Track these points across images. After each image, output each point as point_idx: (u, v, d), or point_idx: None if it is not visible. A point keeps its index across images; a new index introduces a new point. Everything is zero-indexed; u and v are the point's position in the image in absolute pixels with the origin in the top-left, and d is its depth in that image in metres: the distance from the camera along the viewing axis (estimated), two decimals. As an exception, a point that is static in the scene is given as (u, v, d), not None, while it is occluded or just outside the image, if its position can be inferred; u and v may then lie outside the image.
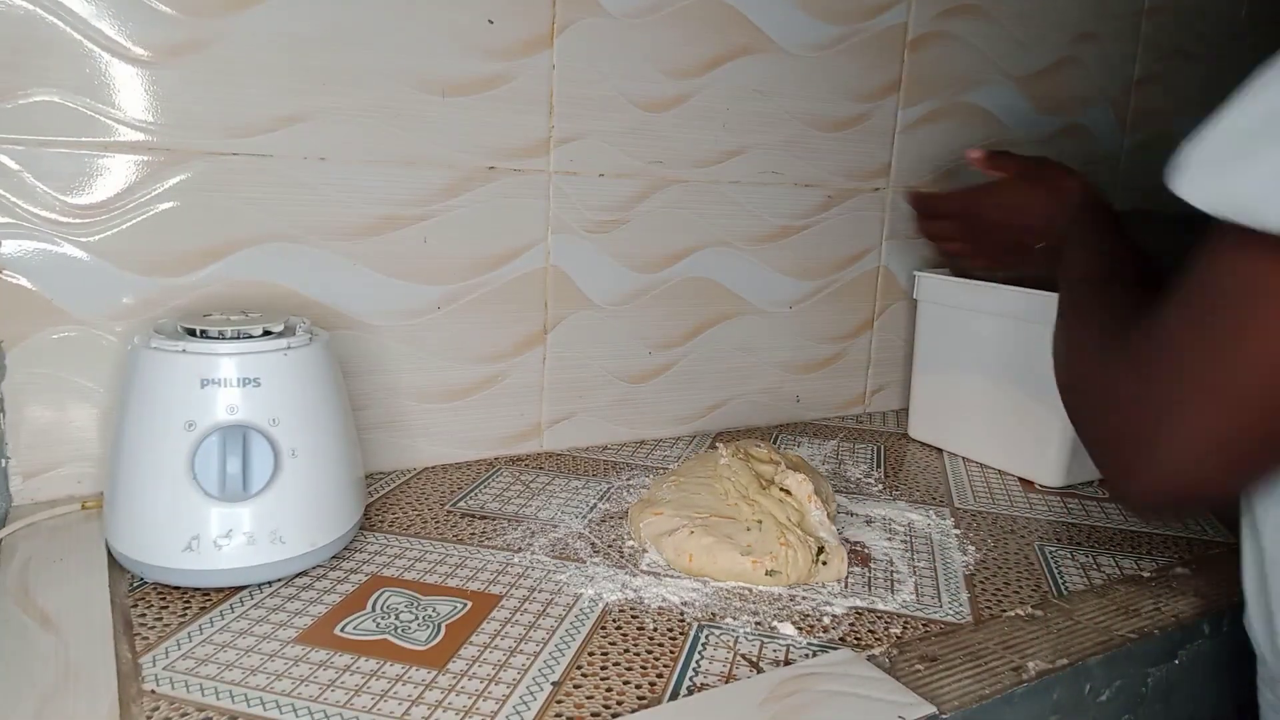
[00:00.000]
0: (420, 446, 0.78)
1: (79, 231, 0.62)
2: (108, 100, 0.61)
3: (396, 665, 0.47)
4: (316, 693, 0.44)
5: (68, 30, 0.59)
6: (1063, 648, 0.53)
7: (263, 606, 0.52)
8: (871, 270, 1.01)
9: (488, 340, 0.79)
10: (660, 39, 0.81)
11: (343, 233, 0.71)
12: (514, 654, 0.48)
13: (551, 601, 0.54)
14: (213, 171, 0.65)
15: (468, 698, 0.44)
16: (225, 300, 0.67)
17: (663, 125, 0.83)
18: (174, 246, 0.65)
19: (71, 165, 0.61)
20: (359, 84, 0.69)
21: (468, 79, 0.73)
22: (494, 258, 0.77)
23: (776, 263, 0.93)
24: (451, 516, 0.67)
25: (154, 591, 0.53)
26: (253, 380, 0.53)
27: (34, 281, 0.61)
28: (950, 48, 1.00)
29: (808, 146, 0.92)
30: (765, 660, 0.49)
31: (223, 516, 0.52)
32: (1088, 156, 1.17)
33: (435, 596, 0.54)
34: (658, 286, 0.87)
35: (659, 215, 0.85)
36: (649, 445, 0.88)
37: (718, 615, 0.54)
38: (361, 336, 0.73)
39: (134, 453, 0.53)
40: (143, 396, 0.53)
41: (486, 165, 0.75)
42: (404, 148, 0.71)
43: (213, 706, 0.42)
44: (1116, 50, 1.16)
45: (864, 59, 0.93)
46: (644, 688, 0.46)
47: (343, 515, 0.58)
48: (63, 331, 0.63)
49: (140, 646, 0.47)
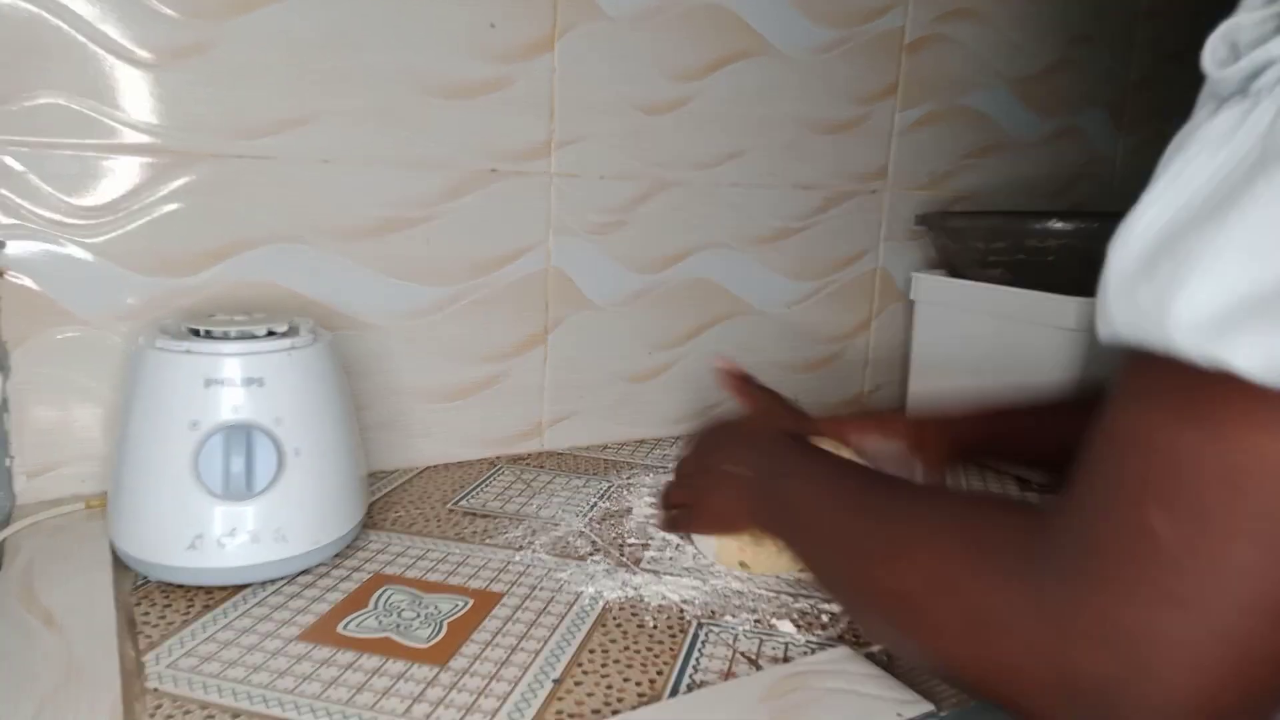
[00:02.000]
0: (422, 446, 0.78)
1: (84, 233, 0.62)
2: (112, 102, 0.61)
3: (399, 663, 0.47)
4: (319, 690, 0.44)
5: (72, 33, 0.60)
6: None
7: (266, 604, 0.52)
8: (869, 271, 1.01)
9: (489, 340, 0.79)
10: (660, 42, 0.81)
11: (346, 234, 0.71)
12: (515, 651, 0.49)
13: (552, 599, 0.55)
14: (217, 173, 0.65)
15: (469, 695, 0.45)
16: (229, 301, 0.67)
17: (663, 128, 0.83)
18: (178, 248, 0.65)
19: (76, 167, 0.61)
20: (362, 87, 0.69)
21: (470, 82, 0.73)
22: (496, 259, 0.78)
23: (775, 264, 0.94)
24: (453, 515, 0.67)
25: (157, 590, 0.54)
26: (256, 380, 0.53)
27: (39, 282, 0.62)
28: (947, 51, 1.00)
29: (806, 149, 0.93)
30: (764, 658, 0.50)
31: (226, 515, 0.52)
32: (1083, 159, 1.18)
33: (437, 594, 0.55)
34: (658, 287, 0.87)
35: (659, 217, 0.85)
36: (649, 444, 0.88)
37: (717, 613, 0.54)
38: (364, 337, 0.73)
39: (138, 452, 0.53)
40: (147, 396, 0.53)
41: (488, 167, 0.76)
42: (406, 150, 0.72)
43: (215, 704, 0.43)
44: (1112, 53, 1.17)
45: (862, 62, 0.94)
46: (644, 685, 0.46)
47: (345, 514, 0.58)
48: (67, 332, 0.63)
49: (143, 645, 0.48)
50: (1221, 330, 0.27)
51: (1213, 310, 0.27)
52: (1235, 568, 0.29)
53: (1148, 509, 0.30)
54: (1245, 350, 0.26)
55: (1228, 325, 0.27)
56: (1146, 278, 0.29)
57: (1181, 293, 0.27)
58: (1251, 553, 0.29)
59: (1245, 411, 0.28)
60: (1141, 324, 0.29)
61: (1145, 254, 0.29)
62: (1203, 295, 0.27)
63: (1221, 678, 0.30)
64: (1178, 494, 0.30)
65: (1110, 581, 0.31)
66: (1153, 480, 0.30)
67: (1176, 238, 0.28)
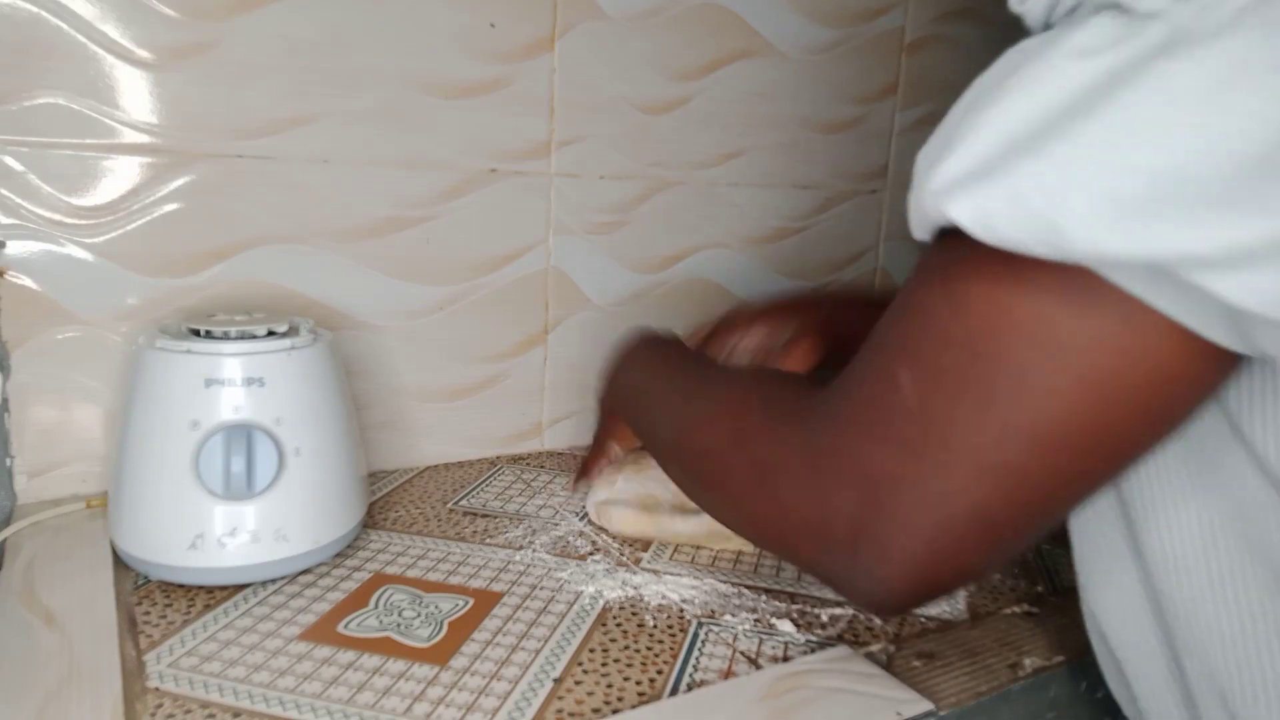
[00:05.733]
0: (422, 445, 0.78)
1: (84, 233, 0.62)
2: (112, 102, 0.61)
3: (399, 662, 0.47)
4: (319, 689, 0.44)
5: (72, 33, 0.60)
6: (1059, 645, 0.53)
7: (266, 604, 0.52)
8: (869, 271, 1.01)
9: (489, 340, 0.79)
10: (660, 42, 0.81)
11: (346, 234, 0.71)
12: (516, 651, 0.49)
13: (553, 599, 0.55)
14: (217, 173, 0.66)
15: (470, 694, 0.45)
16: (229, 301, 0.67)
17: (662, 128, 0.83)
18: (178, 248, 0.65)
19: (76, 167, 0.61)
20: (361, 87, 0.69)
21: (470, 82, 0.73)
22: (496, 259, 0.78)
23: (775, 264, 0.94)
24: (454, 515, 0.67)
25: (158, 589, 0.54)
26: (257, 380, 0.53)
27: (39, 282, 0.62)
28: (947, 51, 1.00)
29: (806, 149, 0.93)
30: (764, 657, 0.50)
31: (227, 515, 0.52)
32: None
33: (437, 594, 0.55)
34: (658, 287, 0.87)
35: (659, 217, 0.85)
36: (649, 445, 0.88)
37: (717, 612, 0.54)
38: (364, 337, 0.73)
39: (139, 452, 0.53)
40: (147, 396, 0.53)
41: (488, 167, 0.76)
42: (406, 150, 0.72)
43: (216, 703, 0.43)
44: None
45: (862, 62, 0.94)
46: (644, 684, 0.46)
47: (346, 513, 0.58)
48: (67, 332, 0.63)
49: (144, 644, 0.48)
50: (950, 190, 0.29)
51: (953, 175, 0.29)
52: (967, 426, 0.30)
53: (897, 363, 0.33)
54: (963, 205, 0.28)
55: (956, 185, 0.29)
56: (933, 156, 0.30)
57: (940, 166, 0.29)
58: (983, 413, 0.30)
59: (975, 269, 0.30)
60: (914, 204, 0.32)
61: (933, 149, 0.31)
62: (953, 161, 0.29)
63: (957, 532, 0.32)
64: (920, 351, 0.32)
65: (856, 424, 0.34)
66: (905, 339, 0.33)
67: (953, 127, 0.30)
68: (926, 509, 0.32)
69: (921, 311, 0.32)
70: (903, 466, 0.32)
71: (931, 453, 0.31)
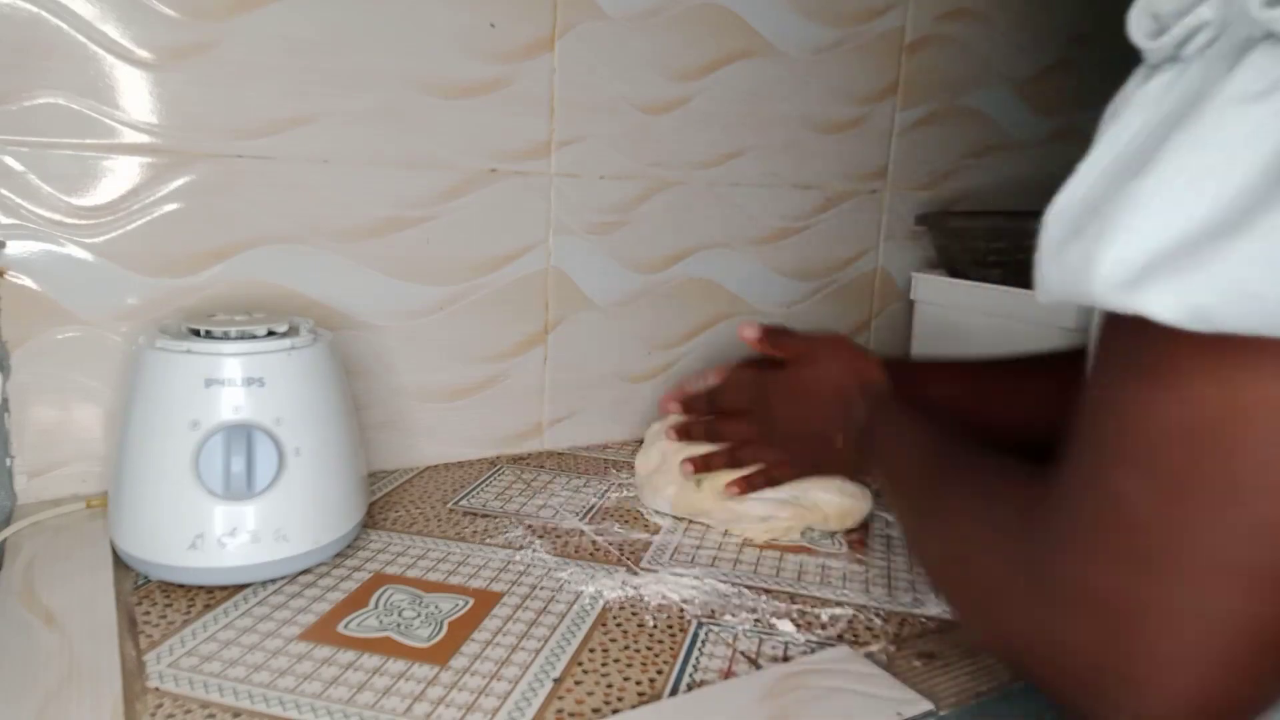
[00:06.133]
0: (423, 445, 0.78)
1: (84, 233, 0.62)
2: (112, 102, 0.61)
3: (399, 662, 0.47)
4: (319, 689, 0.44)
5: (72, 33, 0.60)
6: (1059, 645, 0.53)
7: (266, 604, 0.52)
8: (869, 271, 1.01)
9: (489, 340, 0.79)
10: (660, 42, 0.81)
11: (346, 234, 0.71)
12: (516, 651, 0.49)
13: (552, 599, 0.55)
14: (217, 173, 0.66)
15: (470, 694, 0.45)
16: (229, 301, 0.67)
17: (662, 128, 0.83)
18: (178, 248, 0.65)
19: (76, 167, 0.61)
20: (361, 87, 0.69)
21: (470, 82, 0.73)
22: (496, 259, 0.78)
23: (775, 264, 0.94)
24: (454, 515, 0.67)
25: (158, 589, 0.54)
26: (257, 380, 0.53)
27: (39, 282, 0.62)
28: (947, 50, 1.00)
29: (806, 149, 0.93)
30: (764, 657, 0.50)
31: (227, 515, 0.52)
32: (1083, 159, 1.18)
33: (437, 594, 0.55)
34: (658, 287, 0.87)
35: (659, 217, 0.85)
36: (649, 445, 0.88)
37: (717, 612, 0.54)
38: (364, 337, 0.73)
39: (139, 452, 0.53)
40: (148, 396, 0.53)
41: (488, 167, 0.76)
42: (406, 150, 0.72)
43: (216, 703, 0.43)
44: (1112, 53, 1.17)
45: (862, 62, 0.94)
46: (644, 684, 0.46)
47: (346, 514, 0.58)
48: (68, 332, 0.63)
49: (144, 644, 0.48)
50: (1139, 281, 0.26)
51: (1134, 263, 0.27)
52: (1212, 528, 0.27)
53: (1115, 470, 0.29)
54: (1162, 299, 0.26)
55: (1145, 276, 0.26)
56: (1075, 237, 0.29)
57: (1109, 250, 0.27)
58: (1216, 512, 0.27)
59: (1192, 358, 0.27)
60: (1072, 283, 0.29)
61: (1074, 216, 0.29)
62: (1127, 250, 0.27)
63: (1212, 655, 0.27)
64: (1138, 452, 0.29)
65: (1085, 547, 0.30)
66: (1117, 441, 0.30)
67: (1102, 197, 0.29)
68: (1178, 633, 0.28)
69: (1134, 409, 0.29)
70: (1144, 587, 0.28)
71: (1174, 565, 0.28)
